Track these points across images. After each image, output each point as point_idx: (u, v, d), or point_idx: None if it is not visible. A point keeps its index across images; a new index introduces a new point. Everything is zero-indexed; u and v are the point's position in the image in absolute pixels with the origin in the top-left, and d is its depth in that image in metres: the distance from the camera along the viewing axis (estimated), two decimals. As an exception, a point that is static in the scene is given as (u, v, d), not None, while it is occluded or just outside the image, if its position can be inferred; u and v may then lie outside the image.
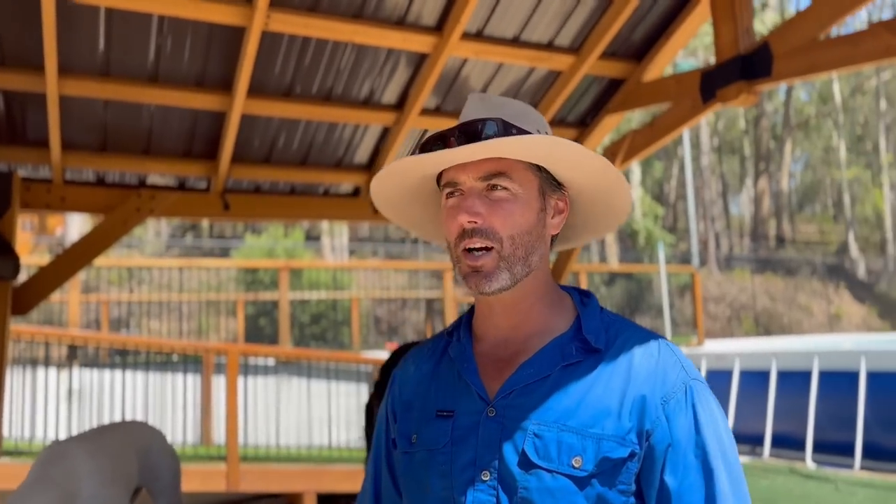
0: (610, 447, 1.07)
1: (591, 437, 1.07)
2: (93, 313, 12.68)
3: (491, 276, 1.11)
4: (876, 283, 31.73)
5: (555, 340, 1.15)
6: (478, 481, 1.10)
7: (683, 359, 1.15)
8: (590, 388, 1.10)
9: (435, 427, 1.17)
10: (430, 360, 1.27)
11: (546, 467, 1.07)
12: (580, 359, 1.13)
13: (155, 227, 25.99)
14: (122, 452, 2.30)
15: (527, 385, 1.12)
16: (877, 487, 7.08)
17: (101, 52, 3.18)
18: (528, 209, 1.13)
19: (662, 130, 3.77)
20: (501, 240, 1.11)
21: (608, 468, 1.06)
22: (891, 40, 2.69)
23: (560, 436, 1.08)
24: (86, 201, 3.79)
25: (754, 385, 9.18)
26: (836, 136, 34.65)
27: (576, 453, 1.07)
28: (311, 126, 3.86)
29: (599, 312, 1.20)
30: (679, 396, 1.09)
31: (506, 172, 1.11)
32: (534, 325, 1.18)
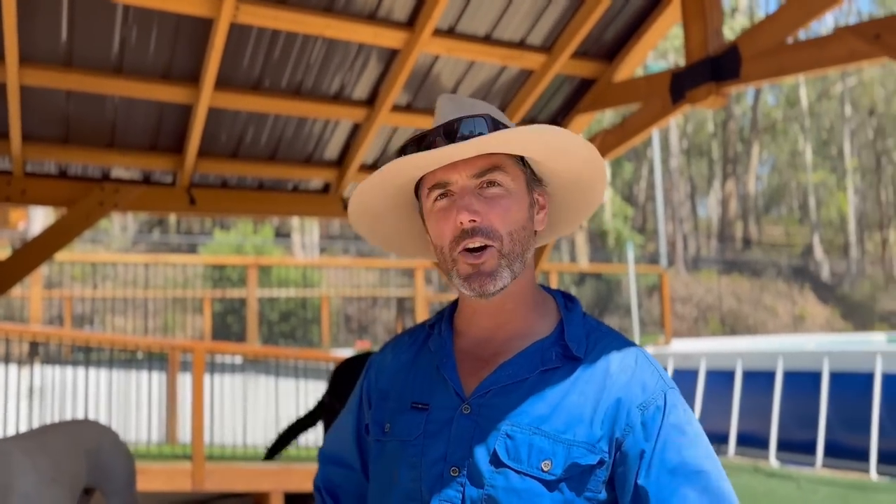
0: (580, 453, 1.07)
1: (561, 443, 1.07)
2: (56, 309, 12.43)
3: (494, 275, 1.09)
4: (839, 285, 32.37)
5: (536, 344, 1.15)
6: (447, 476, 1.09)
7: (660, 368, 1.15)
8: (565, 395, 1.10)
9: (409, 419, 1.17)
10: (409, 351, 1.27)
11: (515, 468, 1.06)
12: (559, 365, 1.13)
13: (121, 222, 25.58)
14: (66, 452, 2.24)
15: (504, 386, 1.12)
16: (837, 485, 7.22)
17: (63, 42, 3.10)
18: (522, 204, 1.13)
19: (633, 131, 3.79)
20: (501, 237, 1.09)
21: (576, 474, 1.06)
22: (855, 44, 2.73)
23: (532, 439, 1.08)
24: (47, 194, 3.71)
25: (720, 384, 9.30)
26: (803, 140, 35.27)
27: (545, 457, 1.07)
28: (280, 120, 3.81)
29: (582, 318, 1.20)
30: (659, 403, 1.09)
31: (501, 167, 1.10)
32: (516, 326, 1.17)
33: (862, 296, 31.38)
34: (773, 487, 7.31)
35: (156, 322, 12.66)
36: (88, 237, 21.61)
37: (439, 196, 1.11)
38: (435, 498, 1.10)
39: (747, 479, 7.70)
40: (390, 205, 1.22)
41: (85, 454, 2.30)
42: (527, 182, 1.15)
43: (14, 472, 2.02)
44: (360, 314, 15.96)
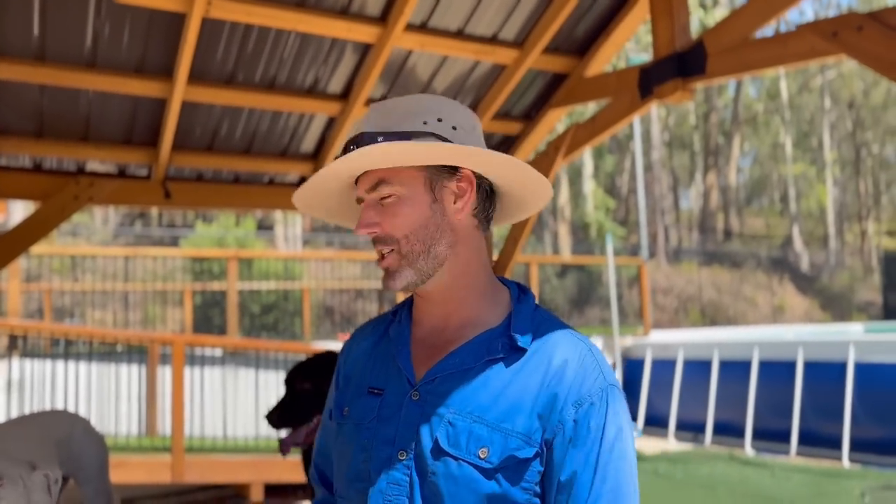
0: (517, 445, 1.10)
1: (500, 432, 1.10)
2: (35, 302, 12.36)
3: (396, 274, 1.18)
4: (818, 276, 32.73)
5: (484, 334, 1.18)
6: (394, 459, 1.14)
7: (604, 365, 1.17)
8: (508, 385, 1.13)
9: (365, 402, 1.22)
10: (371, 337, 1.32)
11: (453, 454, 1.10)
12: (504, 355, 1.16)
13: (102, 214, 25.38)
14: (38, 442, 2.27)
15: (450, 374, 1.16)
16: (810, 473, 7.35)
17: (36, 36, 3.11)
18: (417, 205, 1.17)
19: (604, 125, 3.85)
20: (398, 241, 1.17)
21: (512, 465, 1.09)
22: (815, 41, 2.80)
23: (472, 427, 1.11)
24: (22, 188, 3.72)
25: (697, 374, 9.42)
26: (783, 133, 35.55)
27: (483, 444, 1.10)
28: (255, 114, 3.83)
29: (533, 311, 1.22)
30: (594, 401, 1.11)
31: (385, 179, 1.17)
32: (466, 314, 1.21)
33: (840, 287, 31.75)
34: (747, 475, 7.43)
35: (136, 315, 12.62)
36: (69, 230, 21.43)
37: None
38: (382, 480, 1.14)
39: (723, 467, 7.82)
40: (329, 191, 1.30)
41: (56, 444, 2.33)
42: (427, 181, 1.17)
43: None
44: (342, 307, 15.96)
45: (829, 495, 6.49)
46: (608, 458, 1.09)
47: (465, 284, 1.21)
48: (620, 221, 30.69)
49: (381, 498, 1.14)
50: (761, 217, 40.00)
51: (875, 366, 7.82)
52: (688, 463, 7.96)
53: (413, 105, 1.20)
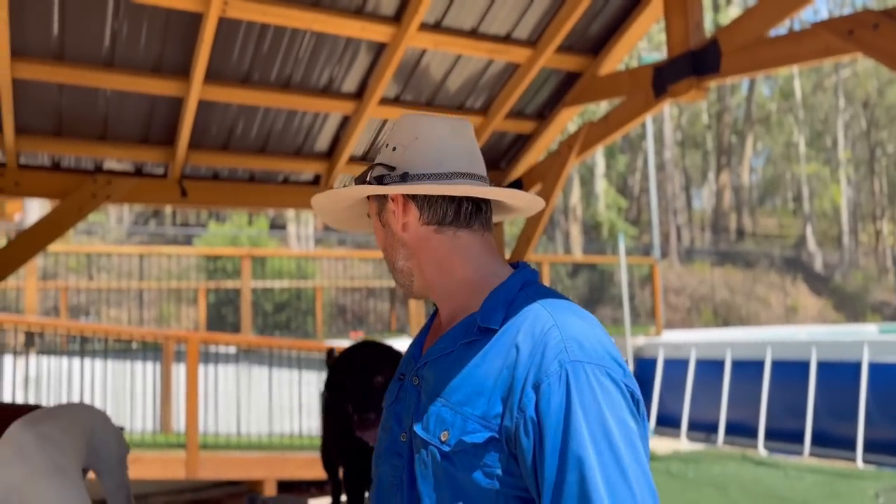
0: (472, 428, 1.08)
1: (460, 415, 1.10)
2: (51, 300, 12.48)
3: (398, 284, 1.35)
4: (832, 277, 32.50)
5: (466, 319, 1.20)
6: (398, 441, 1.22)
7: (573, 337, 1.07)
8: (476, 367, 1.13)
9: (392, 388, 1.32)
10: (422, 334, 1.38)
11: (423, 438, 1.14)
12: (478, 337, 1.16)
13: (117, 213, 25.56)
14: (71, 434, 2.32)
15: (435, 359, 1.21)
16: (824, 473, 7.31)
17: (55, 36, 3.15)
18: (377, 231, 1.32)
19: (617, 123, 3.85)
20: None
21: (467, 448, 1.07)
22: (830, 40, 2.80)
23: (440, 410, 1.13)
24: (40, 186, 3.76)
25: (710, 374, 9.39)
26: (797, 132, 35.32)
27: (445, 427, 1.11)
28: (270, 113, 3.87)
29: (517, 290, 1.19)
30: (552, 380, 1.03)
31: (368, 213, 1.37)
32: (453, 305, 1.25)
33: (854, 287, 31.52)
34: (760, 475, 7.41)
35: (151, 313, 12.71)
36: (84, 229, 21.60)
37: None
38: (388, 459, 1.23)
39: (735, 466, 7.80)
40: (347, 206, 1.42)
41: (84, 436, 2.38)
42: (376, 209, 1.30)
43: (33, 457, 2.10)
44: (354, 305, 16.01)
45: (842, 496, 6.46)
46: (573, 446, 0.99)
47: (441, 283, 1.27)
48: (632, 221, 30.59)
49: (386, 479, 1.22)
50: (774, 217, 39.76)
51: (890, 366, 7.77)
52: (700, 463, 7.94)
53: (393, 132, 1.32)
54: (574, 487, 0.98)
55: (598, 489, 0.97)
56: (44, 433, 2.21)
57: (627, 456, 1.00)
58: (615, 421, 1.01)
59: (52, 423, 2.29)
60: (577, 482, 0.98)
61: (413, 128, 1.26)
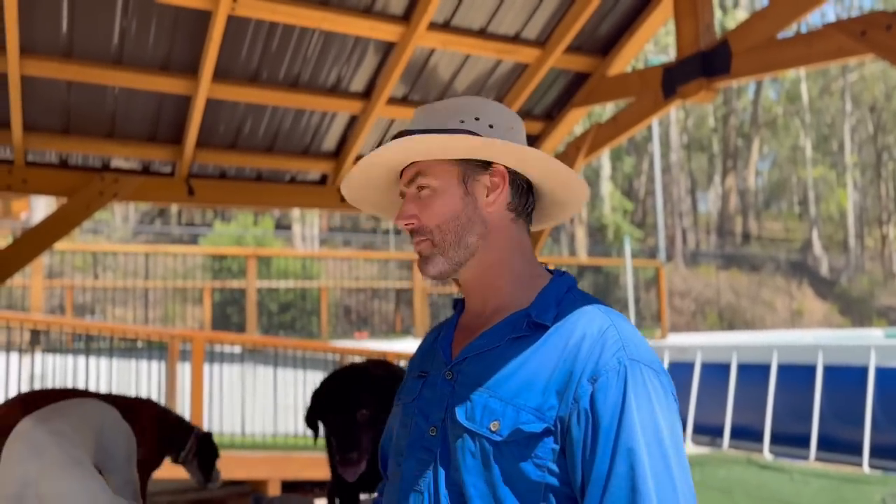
0: (527, 419, 1.10)
1: (512, 405, 1.12)
2: (57, 299, 12.49)
3: (428, 261, 1.24)
4: (838, 281, 32.41)
5: (512, 315, 1.21)
6: (425, 435, 1.20)
7: (630, 338, 1.12)
8: (526, 361, 1.15)
9: (412, 385, 1.31)
10: (434, 333, 1.40)
11: (469, 428, 1.14)
12: (527, 333, 1.18)
13: (122, 212, 25.62)
14: (82, 431, 2.31)
15: (478, 354, 1.20)
16: (830, 478, 7.28)
17: (64, 33, 3.15)
18: (450, 198, 1.23)
19: (625, 125, 3.84)
20: (432, 231, 1.23)
21: (521, 439, 1.09)
22: (842, 41, 2.78)
23: (487, 401, 1.14)
24: (48, 184, 3.76)
25: (715, 377, 9.35)
26: (803, 136, 35.24)
27: (495, 417, 1.12)
28: (278, 112, 3.86)
29: (564, 292, 1.23)
30: (610, 375, 1.07)
31: (421, 172, 1.24)
32: (498, 299, 1.25)
33: (860, 291, 31.42)
34: (766, 480, 7.38)
35: (156, 312, 12.73)
36: (90, 227, 21.64)
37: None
38: (414, 454, 1.21)
39: (741, 471, 7.77)
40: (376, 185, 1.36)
41: (92, 433, 2.37)
42: (460, 175, 1.23)
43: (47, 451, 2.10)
44: (359, 306, 16.01)
45: (848, 501, 6.42)
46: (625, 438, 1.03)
47: (499, 273, 1.25)
48: (638, 224, 30.55)
49: (411, 473, 1.20)
50: (780, 221, 39.67)
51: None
52: (705, 466, 7.91)
53: (454, 105, 1.27)
54: (623, 479, 1.02)
55: (647, 482, 1.01)
56: (56, 429, 2.20)
57: (674, 456, 1.05)
58: (665, 422, 1.07)
59: (62, 420, 2.29)
60: (626, 474, 1.02)
61: (509, 117, 1.28)
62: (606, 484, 1.03)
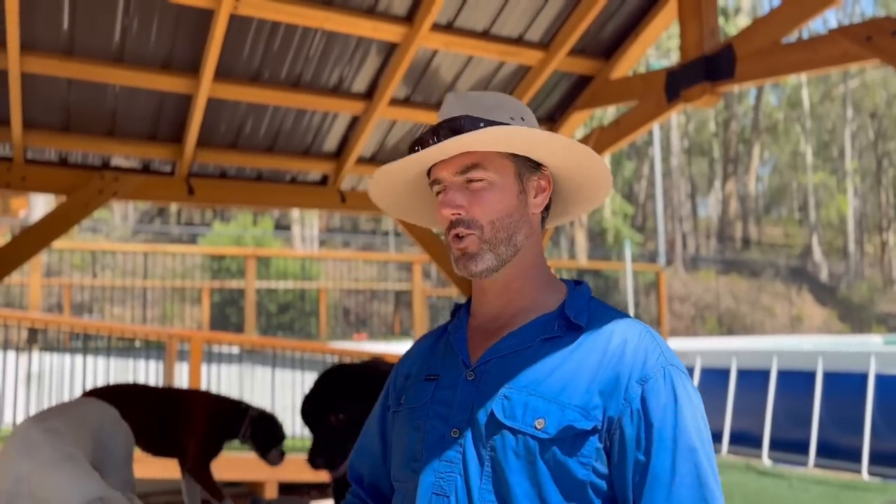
0: (574, 417, 1.10)
1: (555, 403, 1.11)
2: (55, 297, 12.47)
3: (476, 257, 1.19)
4: (837, 287, 32.40)
5: (542, 317, 1.22)
6: (448, 438, 1.17)
7: (665, 346, 1.17)
8: (564, 361, 1.15)
9: (420, 388, 1.27)
10: (431, 337, 1.38)
11: (510, 426, 1.12)
12: (560, 334, 1.18)
13: (122, 211, 25.60)
14: (78, 432, 2.30)
15: (506, 354, 1.19)
16: (829, 485, 7.26)
17: (65, 31, 3.13)
18: (506, 194, 1.20)
19: (628, 128, 3.82)
20: (482, 226, 1.19)
21: (569, 437, 1.09)
22: (848, 46, 2.76)
23: (528, 399, 1.13)
24: (47, 181, 3.73)
25: (714, 382, 9.34)
26: (804, 141, 35.25)
27: (539, 415, 1.11)
28: (279, 112, 3.84)
29: (588, 298, 1.25)
30: (658, 378, 1.12)
31: (479, 164, 1.19)
32: (523, 301, 1.24)
33: (860, 298, 31.42)
34: (765, 486, 7.36)
35: (154, 311, 12.71)
36: (89, 226, 21.62)
37: (439, 191, 1.23)
38: (435, 458, 1.17)
39: (740, 477, 7.74)
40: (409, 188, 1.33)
41: (90, 434, 2.36)
42: (516, 172, 1.21)
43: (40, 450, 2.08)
44: (358, 307, 15.99)
45: (847, 508, 6.41)
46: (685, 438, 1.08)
47: (528, 275, 1.25)
48: (638, 228, 30.55)
49: (434, 476, 1.16)
50: (780, 226, 39.69)
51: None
52: (704, 472, 7.87)
53: (495, 100, 1.25)
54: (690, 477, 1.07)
55: (709, 479, 1.08)
56: (51, 428, 2.19)
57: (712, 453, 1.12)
58: (703, 423, 1.13)
59: (59, 419, 2.27)
60: (692, 472, 1.07)
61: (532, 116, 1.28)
62: (672, 482, 1.07)
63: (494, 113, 1.21)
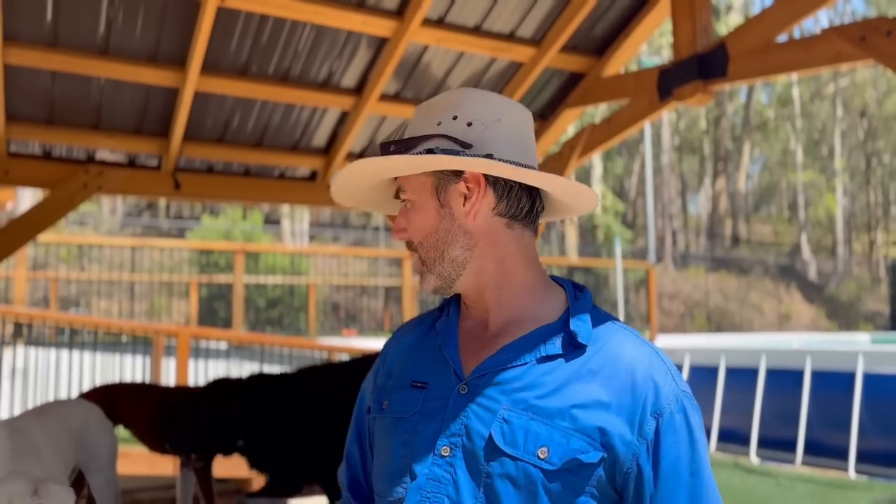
0: (580, 447, 1.05)
1: (559, 430, 1.05)
2: (41, 291, 12.37)
3: (423, 278, 1.19)
4: (826, 285, 32.58)
5: (540, 329, 1.14)
6: (437, 455, 1.10)
7: (673, 369, 1.12)
8: (567, 383, 1.08)
9: (406, 396, 1.18)
10: (416, 332, 1.29)
11: (511, 454, 1.05)
12: (563, 352, 1.11)
13: (110, 204, 25.43)
14: (60, 435, 2.25)
15: (504, 369, 1.11)
16: (816, 483, 7.28)
17: (48, 22, 3.08)
18: (425, 212, 1.17)
19: (620, 126, 3.79)
20: (417, 246, 1.19)
21: (574, 468, 1.04)
22: (841, 46, 2.74)
23: (528, 424, 1.06)
24: (31, 175, 3.68)
25: (703, 380, 9.35)
26: (794, 140, 35.39)
27: (542, 444, 1.05)
28: (267, 107, 3.79)
29: (591, 309, 1.17)
30: (673, 412, 1.07)
31: (401, 186, 1.19)
32: (511, 311, 1.17)
33: (848, 296, 31.61)
34: (752, 484, 7.37)
35: (142, 306, 12.62)
36: (76, 219, 21.46)
37: None
38: (423, 476, 1.10)
39: (727, 475, 7.76)
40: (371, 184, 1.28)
41: (74, 435, 2.32)
42: (433, 187, 1.16)
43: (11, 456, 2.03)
44: (347, 303, 15.95)
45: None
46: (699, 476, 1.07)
47: (500, 284, 1.17)
48: (628, 225, 30.61)
49: (419, 495, 1.09)
50: (769, 224, 39.86)
51: (883, 377, 7.75)
52: (692, 470, 7.89)
53: (438, 103, 1.19)
54: None
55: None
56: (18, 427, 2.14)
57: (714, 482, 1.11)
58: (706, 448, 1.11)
59: (35, 419, 2.23)
60: None
61: (494, 107, 1.17)
62: None
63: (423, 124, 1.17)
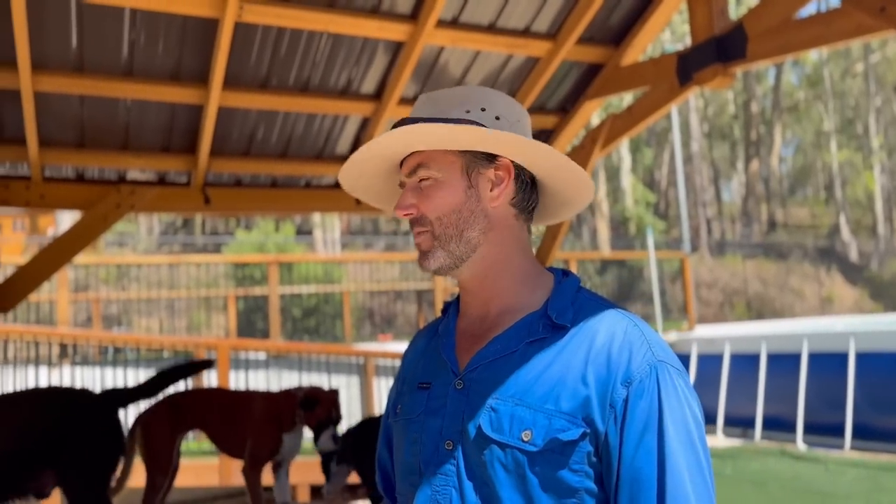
0: (561, 426, 1.06)
1: (542, 413, 1.08)
2: (84, 312, 12.64)
3: (428, 254, 1.20)
4: (867, 265, 31.86)
5: (526, 317, 1.17)
6: (441, 450, 1.14)
7: (654, 339, 1.12)
8: (550, 365, 1.11)
9: (414, 398, 1.23)
10: (425, 338, 1.34)
11: (498, 440, 1.08)
12: (545, 335, 1.14)
13: (147, 224, 25.92)
14: None
15: (493, 360, 1.15)
16: (867, 467, 7.13)
17: (74, 48, 3.16)
18: (452, 190, 1.18)
19: (641, 114, 3.78)
20: (431, 223, 1.19)
21: (557, 447, 1.06)
22: (861, 18, 2.70)
23: (514, 409, 1.09)
24: (65, 198, 3.78)
25: (745, 368, 9.21)
26: (827, 120, 34.70)
27: (526, 427, 1.08)
28: (290, 117, 3.85)
29: (575, 292, 1.20)
30: (643, 378, 1.07)
31: (423, 163, 1.19)
32: (506, 301, 1.20)
33: (891, 275, 30.86)
34: (800, 471, 7.24)
35: (181, 321, 12.83)
36: (114, 240, 21.90)
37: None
38: (430, 471, 1.14)
39: (774, 462, 7.63)
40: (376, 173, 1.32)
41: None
42: (463, 167, 1.18)
43: None
44: (382, 308, 16.03)
45: (887, 490, 6.28)
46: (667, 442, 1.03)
47: (501, 272, 1.21)
48: (661, 215, 30.29)
49: (430, 490, 1.14)
50: (806, 207, 39.10)
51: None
52: (737, 459, 7.78)
53: (459, 94, 1.22)
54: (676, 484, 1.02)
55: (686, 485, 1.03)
56: None
57: (703, 454, 1.07)
58: (693, 421, 1.07)
59: None
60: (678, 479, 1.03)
61: (515, 109, 1.24)
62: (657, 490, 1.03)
63: (449, 109, 1.19)
